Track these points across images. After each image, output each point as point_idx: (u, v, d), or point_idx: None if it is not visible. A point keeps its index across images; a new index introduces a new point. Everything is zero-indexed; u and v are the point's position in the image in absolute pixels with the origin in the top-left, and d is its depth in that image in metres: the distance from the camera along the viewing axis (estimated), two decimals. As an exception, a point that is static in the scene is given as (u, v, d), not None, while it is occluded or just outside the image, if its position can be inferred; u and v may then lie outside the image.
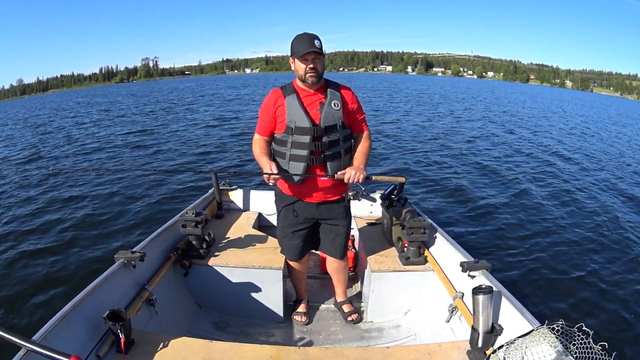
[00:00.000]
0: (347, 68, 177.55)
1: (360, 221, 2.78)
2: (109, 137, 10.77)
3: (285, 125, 1.76)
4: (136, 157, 8.12)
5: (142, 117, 15.37)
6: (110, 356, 1.42)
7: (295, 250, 2.06)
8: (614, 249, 4.08)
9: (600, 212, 5.15)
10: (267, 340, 2.05)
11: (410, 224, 2.12)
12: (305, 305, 2.29)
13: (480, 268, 1.81)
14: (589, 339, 1.10)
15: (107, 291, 1.59)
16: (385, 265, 2.19)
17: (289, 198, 1.96)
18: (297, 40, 1.72)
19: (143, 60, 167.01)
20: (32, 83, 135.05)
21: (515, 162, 7.99)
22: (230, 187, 3.03)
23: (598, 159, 8.85)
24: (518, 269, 3.58)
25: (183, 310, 2.14)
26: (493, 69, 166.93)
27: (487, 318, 1.45)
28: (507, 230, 4.42)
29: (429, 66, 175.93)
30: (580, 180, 6.82)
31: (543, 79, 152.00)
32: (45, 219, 4.71)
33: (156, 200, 5.23)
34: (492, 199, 5.49)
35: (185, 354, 1.45)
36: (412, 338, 2.08)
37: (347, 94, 1.84)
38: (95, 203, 5.21)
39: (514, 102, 26.86)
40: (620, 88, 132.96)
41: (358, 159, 1.86)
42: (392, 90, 32.22)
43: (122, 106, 21.32)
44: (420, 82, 60.00)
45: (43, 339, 1.22)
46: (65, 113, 20.16)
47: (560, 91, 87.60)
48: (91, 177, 6.28)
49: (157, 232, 2.11)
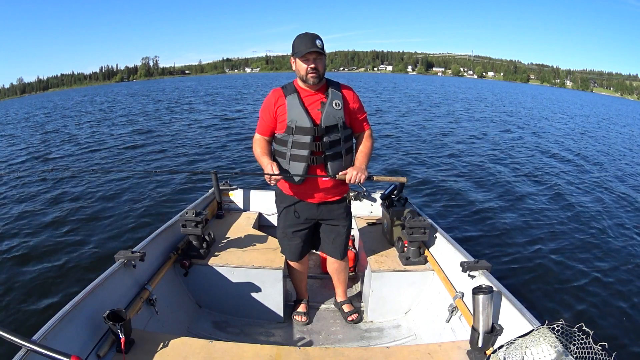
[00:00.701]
0: (347, 68, 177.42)
1: (361, 221, 2.78)
2: (109, 137, 10.77)
3: (286, 125, 1.76)
4: (136, 158, 8.11)
5: (142, 117, 15.37)
6: (110, 356, 1.42)
7: (295, 251, 2.06)
8: (614, 249, 4.08)
9: (602, 213, 5.15)
10: (267, 340, 2.05)
11: (410, 224, 2.12)
12: (306, 305, 2.29)
13: (480, 268, 1.81)
14: (589, 339, 1.10)
15: (107, 291, 1.59)
16: (385, 265, 2.19)
17: (289, 198, 1.96)
18: (299, 39, 1.71)
19: (143, 59, 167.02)
20: (33, 82, 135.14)
21: (516, 162, 7.98)
22: (230, 187, 3.03)
23: (599, 161, 8.84)
24: (518, 269, 3.58)
25: (183, 310, 2.13)
26: (493, 69, 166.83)
27: (488, 318, 1.45)
28: (507, 230, 4.42)
29: (429, 66, 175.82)
30: (581, 181, 6.82)
31: (543, 79, 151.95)
32: (45, 219, 4.71)
33: (156, 200, 5.23)
34: (493, 199, 5.49)
35: (186, 354, 1.45)
36: (413, 338, 2.08)
37: (349, 93, 1.84)
38: (95, 203, 5.21)
39: (515, 103, 26.85)
40: (620, 88, 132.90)
41: (359, 159, 1.86)
42: (393, 90, 32.21)
43: (122, 105, 21.33)
44: (420, 82, 59.91)
45: (43, 338, 1.22)
46: (66, 112, 20.15)
47: (561, 91, 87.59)
48: (92, 177, 6.28)
49: (157, 232, 2.11)
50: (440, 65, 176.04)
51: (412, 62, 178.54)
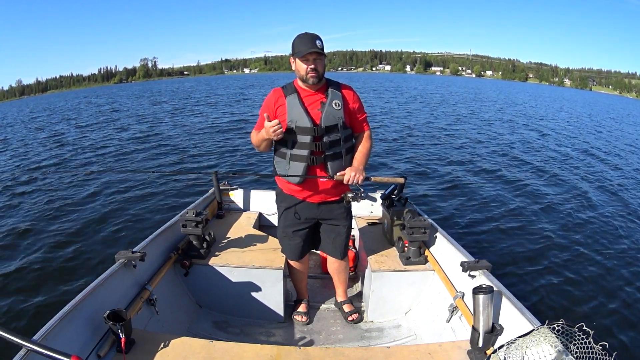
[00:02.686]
0: (345, 68, 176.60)
1: (361, 221, 2.78)
2: (109, 137, 10.78)
3: (286, 125, 1.76)
4: (136, 158, 8.12)
5: (143, 116, 15.38)
6: (110, 356, 1.42)
7: (295, 250, 2.06)
8: (615, 250, 4.07)
9: (603, 214, 5.14)
10: (267, 340, 2.05)
11: (410, 224, 2.12)
12: (306, 305, 2.29)
13: (480, 268, 1.81)
14: (589, 339, 1.10)
15: (107, 291, 1.59)
16: (385, 265, 2.19)
17: (290, 198, 1.96)
18: (299, 40, 1.72)
19: (142, 60, 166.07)
20: (31, 84, 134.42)
21: (516, 162, 7.97)
22: (230, 187, 3.03)
23: (603, 159, 8.84)
24: (518, 268, 3.58)
25: (183, 310, 2.14)
26: (492, 68, 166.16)
27: (488, 318, 1.45)
28: (507, 230, 4.42)
29: (428, 65, 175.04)
30: (582, 181, 6.81)
31: (542, 77, 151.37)
32: (45, 219, 4.72)
33: (157, 200, 5.23)
34: (493, 199, 5.48)
35: (186, 354, 1.45)
36: (413, 338, 2.08)
37: (349, 93, 1.84)
38: (95, 203, 5.22)
39: (516, 102, 26.81)
40: (619, 86, 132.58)
41: (358, 159, 1.85)
42: (395, 90, 32.16)
43: (122, 107, 21.29)
44: (420, 81, 59.70)
45: (43, 338, 1.22)
46: (67, 114, 20.16)
47: (559, 89, 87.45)
48: (92, 177, 6.28)
49: (157, 232, 2.11)
50: (438, 65, 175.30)
51: (410, 61, 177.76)
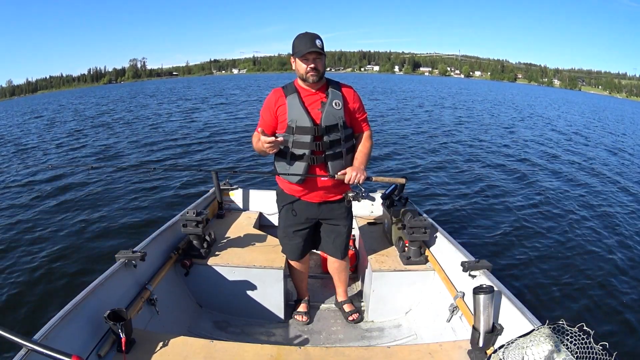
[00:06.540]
0: (334, 68, 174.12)
1: (361, 221, 2.78)
2: (109, 137, 10.78)
3: (287, 124, 1.76)
4: (136, 158, 8.12)
5: (141, 117, 15.37)
6: (111, 356, 1.42)
7: (296, 250, 2.06)
8: (615, 250, 4.07)
9: (603, 214, 5.14)
10: (267, 339, 2.05)
11: (411, 224, 2.12)
12: (306, 304, 2.29)
13: (481, 268, 1.81)
14: (589, 339, 1.10)
15: (108, 291, 1.59)
16: (386, 265, 2.19)
17: (290, 197, 1.96)
18: (299, 39, 1.72)
19: (131, 61, 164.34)
20: (22, 84, 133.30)
21: (516, 162, 7.98)
22: (231, 187, 3.03)
23: (603, 159, 8.84)
24: (519, 268, 3.58)
25: (184, 310, 2.14)
26: (480, 69, 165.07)
27: (488, 318, 1.45)
28: (508, 230, 4.42)
29: (417, 66, 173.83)
30: (581, 181, 6.81)
31: (531, 78, 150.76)
32: (45, 218, 4.72)
33: (157, 200, 5.24)
34: (493, 199, 5.48)
35: (186, 354, 1.45)
36: (413, 338, 2.08)
37: (349, 93, 1.84)
38: (95, 202, 5.22)
39: (510, 102, 26.77)
40: (609, 87, 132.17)
41: (358, 159, 1.85)
42: (390, 91, 32.14)
43: (115, 109, 21.26)
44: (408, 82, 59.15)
45: (44, 338, 1.22)
46: (65, 113, 20.17)
47: (548, 90, 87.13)
48: (91, 175, 6.28)
49: (158, 231, 2.11)
50: (427, 65, 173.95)
51: (399, 62, 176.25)
